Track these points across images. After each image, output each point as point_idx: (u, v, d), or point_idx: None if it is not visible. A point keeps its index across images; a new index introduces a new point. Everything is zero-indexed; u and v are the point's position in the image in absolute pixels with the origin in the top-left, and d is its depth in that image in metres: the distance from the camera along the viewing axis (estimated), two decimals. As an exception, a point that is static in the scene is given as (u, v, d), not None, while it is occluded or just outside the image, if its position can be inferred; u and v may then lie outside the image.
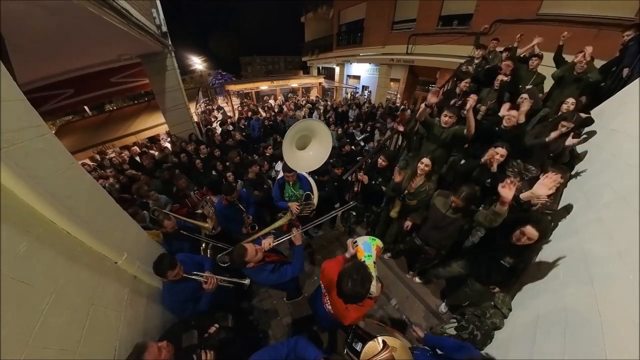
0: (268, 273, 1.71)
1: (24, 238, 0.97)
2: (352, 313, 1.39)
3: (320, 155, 2.35)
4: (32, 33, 2.62)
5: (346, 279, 1.19)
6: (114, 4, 2.77)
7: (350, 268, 1.24)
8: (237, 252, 1.58)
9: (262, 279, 1.72)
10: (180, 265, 1.65)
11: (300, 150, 2.34)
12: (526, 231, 1.51)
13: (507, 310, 1.82)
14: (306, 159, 2.36)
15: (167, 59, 5.60)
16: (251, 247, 1.60)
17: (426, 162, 2.21)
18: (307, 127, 2.24)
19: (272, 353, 1.18)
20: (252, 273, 1.71)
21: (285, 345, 1.21)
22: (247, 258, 1.57)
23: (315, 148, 2.36)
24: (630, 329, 0.99)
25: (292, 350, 1.19)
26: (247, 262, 1.58)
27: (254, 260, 1.61)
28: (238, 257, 1.56)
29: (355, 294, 1.18)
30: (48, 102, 5.73)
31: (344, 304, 1.34)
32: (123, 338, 1.32)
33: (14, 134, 1.03)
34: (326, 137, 2.31)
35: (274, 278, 1.72)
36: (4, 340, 0.81)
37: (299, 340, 1.24)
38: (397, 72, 9.75)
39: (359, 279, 1.19)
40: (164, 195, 3.39)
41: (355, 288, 1.18)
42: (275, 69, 42.01)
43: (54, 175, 1.19)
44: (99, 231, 1.32)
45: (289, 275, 1.74)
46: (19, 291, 0.90)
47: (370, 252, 1.60)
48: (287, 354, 1.17)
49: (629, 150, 1.69)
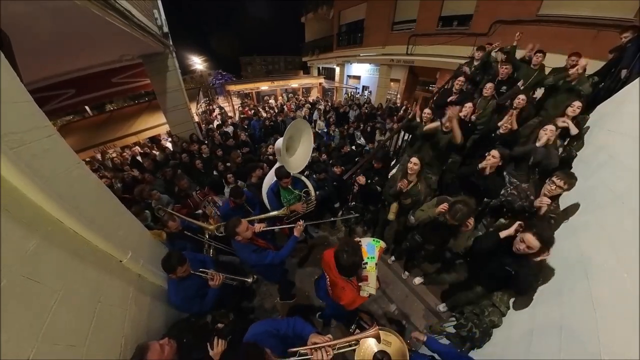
0: (250, 251, 1.92)
1: (32, 236, 0.99)
2: (348, 293, 1.55)
3: (307, 149, 2.53)
4: (34, 34, 2.63)
5: (341, 253, 1.38)
6: (116, 5, 2.79)
7: (342, 244, 1.46)
8: (232, 222, 1.79)
9: (244, 255, 1.94)
10: (188, 262, 1.69)
11: (293, 153, 2.48)
12: (526, 238, 1.40)
13: (506, 308, 1.84)
14: (299, 158, 2.53)
15: (168, 59, 5.62)
16: (245, 223, 1.82)
17: (415, 161, 2.25)
18: (292, 129, 2.44)
19: (272, 324, 1.28)
20: (237, 246, 1.92)
21: (285, 321, 1.32)
22: (239, 229, 1.77)
23: (303, 144, 2.57)
24: (625, 328, 1.00)
25: (290, 326, 1.29)
26: (237, 234, 1.77)
27: (243, 236, 1.80)
28: (232, 226, 1.77)
29: (352, 263, 1.37)
30: (49, 102, 5.74)
31: (341, 282, 1.54)
32: (128, 335, 1.35)
33: (23, 134, 1.05)
34: (307, 131, 2.60)
35: (254, 257, 1.92)
36: (16, 337, 0.83)
37: (297, 319, 1.34)
38: (397, 73, 9.77)
39: (351, 250, 1.38)
40: (165, 195, 3.41)
41: (350, 258, 1.36)
42: (276, 69, 41.99)
43: (61, 175, 1.21)
44: (104, 230, 1.34)
45: (268, 259, 1.94)
46: (29, 289, 0.93)
47: (374, 254, 1.65)
48: (286, 329, 1.27)
49: (626, 151, 1.70)
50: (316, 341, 1.12)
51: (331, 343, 1.11)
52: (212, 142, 5.60)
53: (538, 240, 1.38)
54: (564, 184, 1.75)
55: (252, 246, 1.93)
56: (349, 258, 1.36)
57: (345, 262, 1.37)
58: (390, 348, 1.27)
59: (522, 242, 1.44)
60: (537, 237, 1.38)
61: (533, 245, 1.39)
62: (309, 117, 7.91)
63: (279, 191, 2.54)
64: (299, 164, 2.51)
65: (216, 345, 1.35)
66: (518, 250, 1.48)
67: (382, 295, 2.67)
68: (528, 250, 1.42)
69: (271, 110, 9.52)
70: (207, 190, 3.53)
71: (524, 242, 1.42)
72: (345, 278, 1.53)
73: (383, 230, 2.91)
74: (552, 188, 1.80)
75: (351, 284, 1.57)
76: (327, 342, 1.11)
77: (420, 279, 2.65)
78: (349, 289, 1.55)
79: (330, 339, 1.13)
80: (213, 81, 20.42)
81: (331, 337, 1.15)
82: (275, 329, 1.25)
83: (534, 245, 1.39)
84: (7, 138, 0.97)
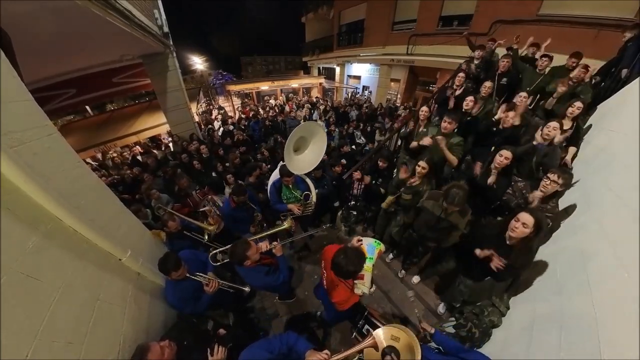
0: (263, 275, 1.76)
1: (33, 234, 1.00)
2: (341, 291, 1.57)
3: (317, 154, 2.46)
4: (35, 34, 2.64)
5: (341, 256, 1.38)
6: (117, 6, 2.79)
7: (347, 248, 1.45)
8: (241, 246, 1.59)
9: (257, 280, 1.76)
10: (184, 266, 1.67)
11: (300, 154, 2.43)
12: (521, 217, 1.47)
13: (505, 308, 1.84)
14: (305, 160, 2.46)
15: (169, 59, 5.63)
16: (254, 245, 1.64)
17: (423, 164, 2.24)
18: (305, 129, 2.37)
19: (265, 346, 1.24)
20: (246, 272, 1.72)
21: (278, 339, 1.29)
22: (249, 253, 1.59)
23: (313, 149, 2.48)
24: (624, 327, 1.00)
25: (284, 343, 1.27)
26: (247, 258, 1.59)
27: (253, 259, 1.63)
28: (241, 250, 1.57)
29: (347, 270, 1.36)
30: (50, 102, 5.76)
31: (336, 280, 1.53)
32: (127, 333, 1.35)
33: (23, 133, 1.05)
34: (322, 136, 2.48)
35: (268, 280, 1.78)
36: (14, 334, 0.83)
37: (289, 334, 1.32)
38: (397, 73, 9.77)
39: (352, 256, 1.38)
40: (165, 194, 3.41)
41: (348, 264, 1.36)
42: (276, 69, 42.03)
43: (61, 173, 1.22)
44: (104, 228, 1.35)
45: (280, 280, 1.83)
46: (28, 286, 0.93)
47: (373, 254, 1.65)
48: (279, 347, 1.25)
49: (626, 151, 1.70)
50: (313, 359, 1.12)
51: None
52: (212, 142, 5.61)
53: (532, 216, 1.45)
54: (558, 177, 1.77)
55: (262, 268, 1.77)
56: (347, 264, 1.36)
57: (341, 264, 1.37)
58: (398, 343, 1.26)
59: (517, 222, 1.49)
60: (530, 214, 1.45)
61: (528, 221, 1.45)
62: (309, 117, 7.92)
63: (280, 187, 2.56)
64: (302, 166, 2.43)
65: (216, 352, 1.36)
66: (514, 231, 1.51)
67: (382, 295, 2.67)
68: (524, 229, 1.47)
69: (271, 110, 9.53)
70: (207, 189, 3.53)
71: (519, 221, 1.48)
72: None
73: (383, 228, 2.91)
74: (546, 183, 1.82)
75: (345, 283, 1.57)
76: (326, 359, 1.10)
77: (417, 278, 2.65)
78: (342, 288, 1.56)
79: (327, 354, 1.13)
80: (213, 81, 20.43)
81: (328, 353, 1.14)
82: (269, 351, 1.22)
83: (529, 221, 1.45)
84: (8, 137, 0.97)
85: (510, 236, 1.56)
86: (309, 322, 2.50)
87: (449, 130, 2.52)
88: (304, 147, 2.51)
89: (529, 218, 1.45)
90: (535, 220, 1.45)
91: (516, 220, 1.50)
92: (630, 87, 2.27)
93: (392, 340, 1.27)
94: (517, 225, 1.49)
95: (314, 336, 2.40)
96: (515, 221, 1.50)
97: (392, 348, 1.21)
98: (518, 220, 1.49)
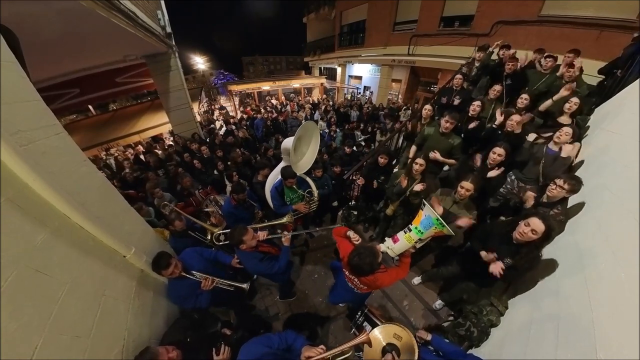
0: (257, 261, 1.87)
1: (41, 231, 1.03)
2: (384, 278, 1.57)
3: (313, 152, 2.56)
4: (41, 34, 2.68)
5: (355, 255, 1.44)
6: (121, 7, 2.83)
7: (357, 247, 1.52)
8: (239, 230, 1.73)
9: (251, 265, 1.89)
10: (176, 264, 1.68)
11: (301, 154, 2.51)
12: (532, 222, 1.43)
13: (504, 308, 1.85)
14: (306, 159, 2.56)
15: (171, 59, 5.68)
16: (251, 231, 1.78)
17: (420, 161, 2.25)
18: (305, 129, 2.46)
19: (265, 341, 1.28)
20: (243, 255, 1.87)
21: (277, 336, 1.32)
22: (245, 238, 1.71)
23: (311, 146, 2.63)
24: (622, 328, 1.01)
25: (283, 340, 1.30)
26: (243, 242, 1.72)
27: (249, 244, 1.74)
28: (238, 234, 1.71)
29: (361, 265, 1.41)
30: (54, 101, 5.83)
31: (370, 277, 1.52)
32: (131, 327, 1.38)
33: (32, 132, 1.08)
34: (317, 134, 2.61)
35: (261, 267, 1.89)
36: (25, 327, 0.86)
37: (288, 333, 1.36)
38: (398, 73, 9.79)
39: (365, 253, 1.43)
40: (168, 193, 3.44)
41: (362, 260, 1.41)
42: (277, 69, 42.10)
43: (68, 171, 1.25)
44: (109, 226, 1.37)
45: (275, 269, 1.91)
46: (38, 281, 0.96)
47: (425, 229, 1.53)
48: (279, 343, 1.28)
49: (626, 152, 1.71)
50: (309, 355, 1.13)
51: (325, 355, 1.12)
52: (213, 142, 5.64)
53: (543, 223, 1.41)
54: (564, 183, 1.74)
55: (258, 254, 1.87)
56: (363, 262, 1.42)
57: (358, 264, 1.43)
58: (400, 342, 1.28)
59: (527, 226, 1.45)
60: (542, 221, 1.41)
61: (538, 228, 1.41)
62: (310, 117, 7.94)
63: (283, 190, 2.57)
64: (306, 165, 2.54)
65: (222, 352, 1.38)
66: (522, 235, 1.49)
67: (382, 295, 2.69)
68: (532, 235, 1.44)
69: (273, 109, 9.55)
70: (209, 189, 3.56)
71: (529, 226, 1.44)
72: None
73: (384, 227, 2.92)
74: (552, 188, 1.80)
75: (377, 271, 1.53)
76: (321, 354, 1.12)
77: (419, 279, 2.66)
78: (379, 276, 1.55)
79: (323, 349, 1.14)
80: (215, 81, 20.53)
81: (324, 347, 1.16)
82: (269, 346, 1.26)
83: (539, 229, 1.41)
84: (18, 136, 1.00)
85: (517, 238, 1.54)
86: (309, 320, 2.52)
87: (449, 129, 2.52)
88: (303, 147, 2.59)
89: (540, 225, 1.41)
90: (546, 228, 1.41)
91: (526, 225, 1.46)
92: (630, 89, 2.28)
93: (394, 339, 1.29)
94: (526, 231, 1.46)
95: (314, 333, 2.42)
96: (526, 225, 1.46)
97: (393, 346, 1.23)
98: (528, 225, 1.45)
